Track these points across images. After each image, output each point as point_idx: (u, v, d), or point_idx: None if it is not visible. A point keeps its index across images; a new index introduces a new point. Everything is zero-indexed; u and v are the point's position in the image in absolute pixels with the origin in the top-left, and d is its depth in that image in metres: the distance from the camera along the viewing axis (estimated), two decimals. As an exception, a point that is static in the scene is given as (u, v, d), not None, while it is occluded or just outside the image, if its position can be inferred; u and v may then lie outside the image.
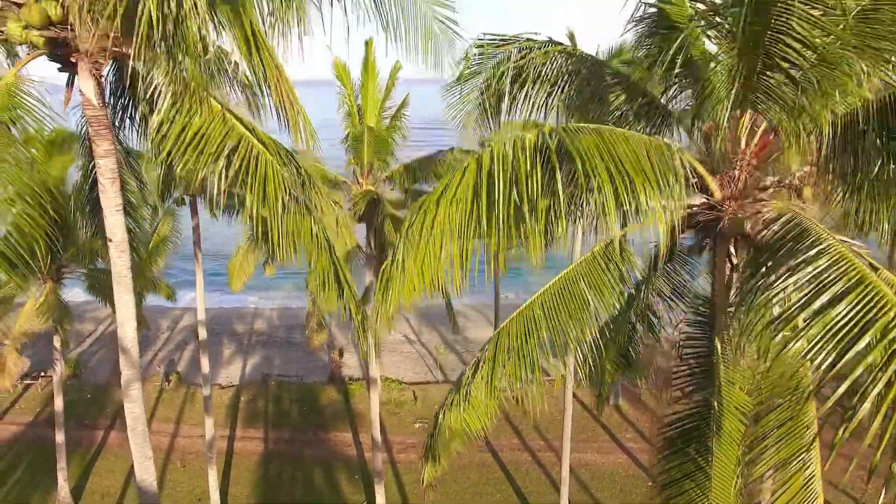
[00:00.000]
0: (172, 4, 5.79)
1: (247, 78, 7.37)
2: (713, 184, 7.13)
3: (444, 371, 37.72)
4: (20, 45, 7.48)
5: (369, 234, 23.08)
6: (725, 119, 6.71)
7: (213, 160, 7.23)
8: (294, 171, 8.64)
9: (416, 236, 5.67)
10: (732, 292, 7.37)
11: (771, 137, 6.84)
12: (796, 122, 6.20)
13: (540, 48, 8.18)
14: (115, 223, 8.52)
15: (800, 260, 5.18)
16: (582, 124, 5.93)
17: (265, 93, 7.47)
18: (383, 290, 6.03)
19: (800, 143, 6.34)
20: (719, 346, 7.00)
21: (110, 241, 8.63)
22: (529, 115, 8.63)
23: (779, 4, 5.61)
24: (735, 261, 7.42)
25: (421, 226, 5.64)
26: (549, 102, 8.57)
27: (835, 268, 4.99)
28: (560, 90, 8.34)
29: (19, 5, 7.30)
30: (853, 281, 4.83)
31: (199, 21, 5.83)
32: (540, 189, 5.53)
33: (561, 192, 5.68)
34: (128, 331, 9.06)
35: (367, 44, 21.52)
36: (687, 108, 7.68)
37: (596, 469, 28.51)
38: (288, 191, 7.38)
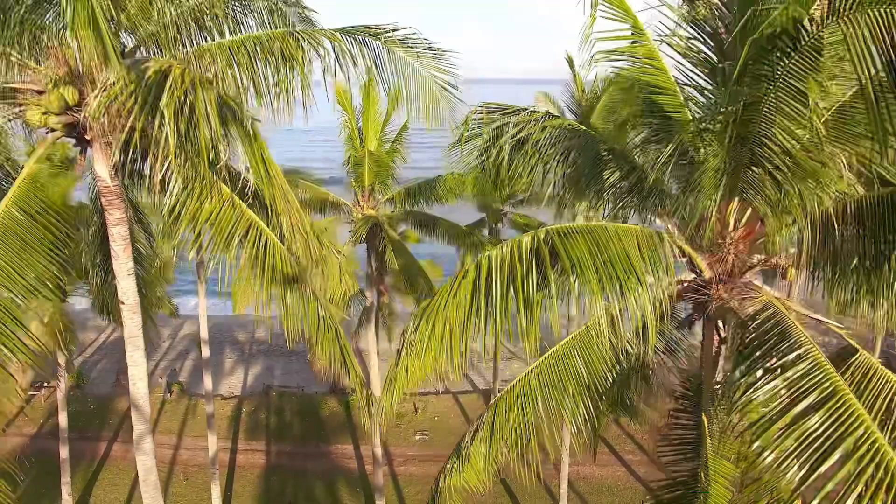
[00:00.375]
0: (186, 109, 6.09)
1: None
2: (702, 264, 7.48)
3: (444, 381, 38.00)
4: (39, 129, 7.82)
5: (370, 254, 23.49)
6: (714, 212, 7.06)
7: (224, 246, 7.58)
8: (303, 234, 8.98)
9: (418, 342, 6.02)
10: (720, 366, 7.73)
11: (758, 225, 7.19)
12: (779, 216, 6.55)
13: (537, 122, 8.51)
14: (127, 287, 8.85)
15: (778, 364, 5.52)
16: (576, 224, 6.26)
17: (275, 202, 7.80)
18: (388, 388, 6.40)
19: (783, 233, 6.68)
20: (706, 421, 7.35)
21: (123, 303, 8.96)
22: (528, 185, 8.96)
23: (762, 115, 5.94)
24: (723, 334, 7.77)
25: (423, 332, 5.99)
26: (546, 170, 8.90)
27: (810, 377, 5.32)
28: (556, 161, 8.67)
29: (40, 92, 7.63)
30: (827, 392, 5.17)
31: (211, 132, 6.15)
32: (535, 289, 5.87)
33: (553, 288, 6.03)
34: (140, 388, 9.41)
35: (368, 70, 21.82)
36: (679, 180, 7.98)
37: (594, 482, 28.88)
38: (297, 278, 7.72)
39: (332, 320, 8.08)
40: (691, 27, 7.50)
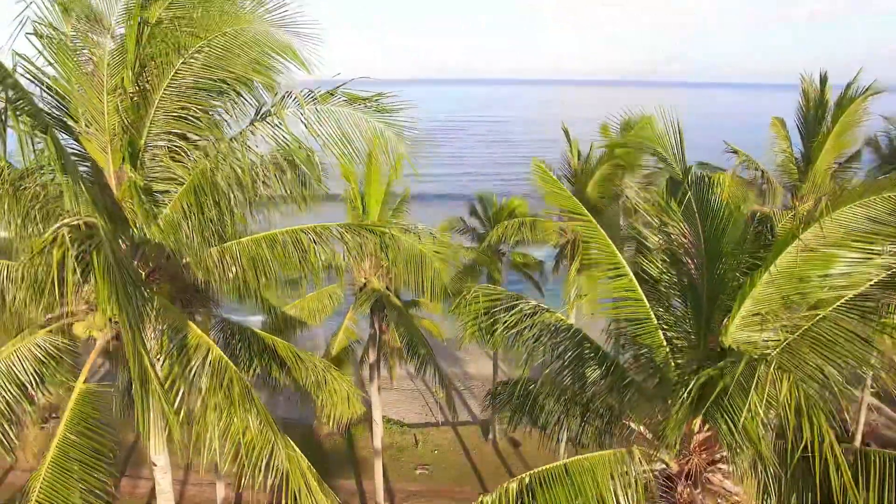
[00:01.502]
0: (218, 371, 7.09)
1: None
2: (671, 462, 8.53)
3: (445, 412, 38.99)
4: (82, 340, 8.79)
5: (373, 317, 24.49)
6: (678, 439, 8.11)
7: (253, 469, 8.60)
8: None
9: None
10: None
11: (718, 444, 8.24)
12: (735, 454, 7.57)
13: (527, 316, 9.49)
14: (158, 452, 9.89)
15: None
16: (555, 467, 7.33)
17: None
18: None
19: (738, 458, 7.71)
20: None
21: (155, 465, 10.01)
22: (523, 360, 9.91)
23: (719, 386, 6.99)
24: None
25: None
26: (534, 348, 9.88)
27: None
28: (543, 346, 9.66)
29: (93, 310, 8.65)
30: None
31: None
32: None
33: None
34: (168, 531, 10.45)
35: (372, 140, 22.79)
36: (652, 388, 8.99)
37: None
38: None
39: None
40: (665, 255, 8.51)
